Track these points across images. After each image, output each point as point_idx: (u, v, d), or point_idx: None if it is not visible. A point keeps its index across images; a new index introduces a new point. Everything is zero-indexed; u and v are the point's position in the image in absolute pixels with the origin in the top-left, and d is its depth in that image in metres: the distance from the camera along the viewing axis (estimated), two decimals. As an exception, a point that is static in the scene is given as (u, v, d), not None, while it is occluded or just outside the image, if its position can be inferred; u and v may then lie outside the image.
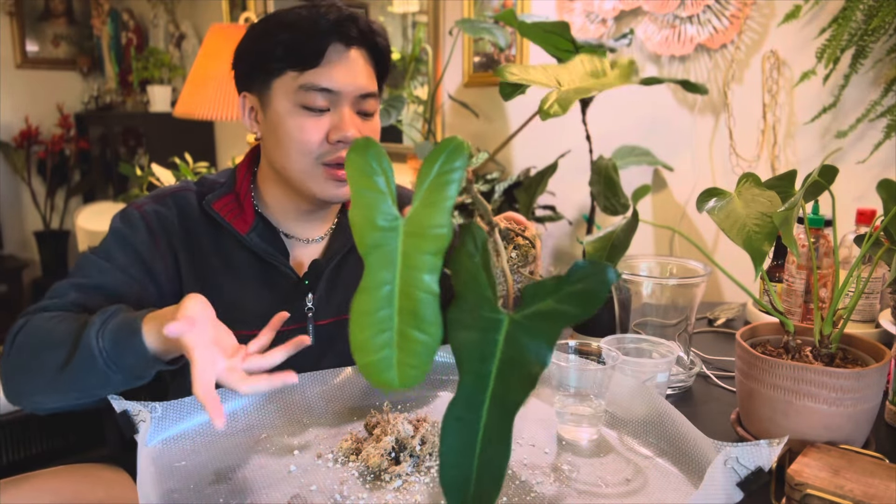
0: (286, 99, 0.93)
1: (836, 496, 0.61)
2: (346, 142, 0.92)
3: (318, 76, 0.91)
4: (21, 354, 0.83)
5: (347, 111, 0.94)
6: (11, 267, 3.75)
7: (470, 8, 2.36)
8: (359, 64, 0.94)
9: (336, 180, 0.95)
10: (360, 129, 0.94)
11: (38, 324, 0.84)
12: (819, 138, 1.61)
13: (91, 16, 4.18)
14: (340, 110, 0.93)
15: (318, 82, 0.91)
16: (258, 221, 0.99)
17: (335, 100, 0.93)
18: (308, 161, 0.93)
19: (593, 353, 0.87)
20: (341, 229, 1.06)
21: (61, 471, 1.00)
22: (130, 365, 0.77)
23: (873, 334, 1.10)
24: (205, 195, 0.99)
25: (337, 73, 0.92)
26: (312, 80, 0.91)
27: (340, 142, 0.92)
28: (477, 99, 2.40)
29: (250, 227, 0.98)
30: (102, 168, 4.05)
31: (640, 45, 1.92)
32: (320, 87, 0.91)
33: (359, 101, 0.95)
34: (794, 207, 0.75)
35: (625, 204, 0.95)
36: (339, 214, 1.08)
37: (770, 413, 0.78)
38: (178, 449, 0.80)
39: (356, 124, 0.94)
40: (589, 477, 0.75)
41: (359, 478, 0.74)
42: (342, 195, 0.96)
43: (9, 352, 0.84)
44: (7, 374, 0.84)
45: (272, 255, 0.98)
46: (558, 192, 2.17)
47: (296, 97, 0.92)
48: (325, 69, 0.92)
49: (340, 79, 0.92)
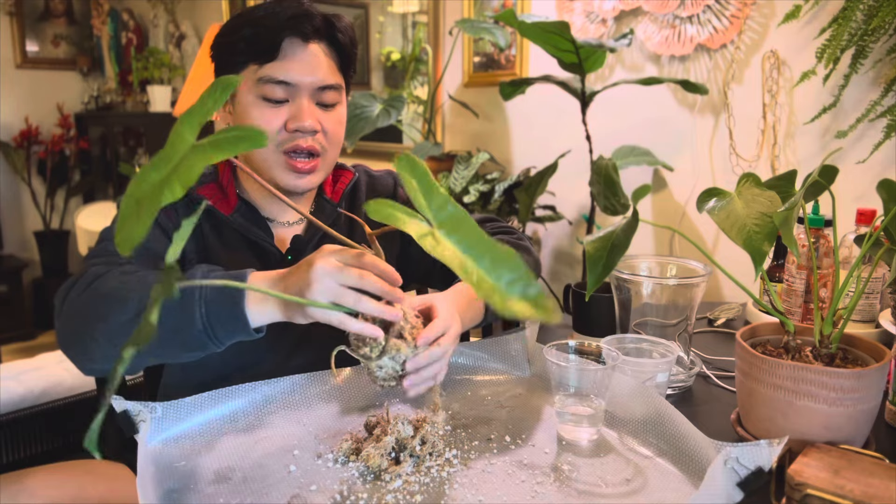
0: (248, 91, 0.98)
1: (836, 496, 0.61)
2: (304, 131, 0.98)
3: (275, 69, 0.97)
4: (101, 315, 0.80)
5: (306, 102, 0.98)
6: (11, 267, 3.74)
7: (470, 8, 2.35)
8: (318, 57, 0.99)
9: (296, 171, 0.99)
10: (319, 119, 1.00)
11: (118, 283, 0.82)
12: (819, 138, 1.61)
13: (91, 16, 4.18)
14: (299, 101, 0.98)
15: (275, 75, 0.97)
16: (241, 205, 1.03)
17: (293, 91, 0.98)
18: (270, 149, 0.99)
19: (593, 353, 0.87)
20: (320, 210, 1.10)
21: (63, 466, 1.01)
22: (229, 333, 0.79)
23: (873, 334, 1.10)
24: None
25: (293, 66, 0.97)
26: (270, 72, 0.97)
27: (298, 131, 0.98)
28: (477, 99, 2.40)
29: (233, 209, 1.02)
30: (102, 168, 4.05)
31: (640, 45, 1.92)
32: (277, 80, 0.97)
33: (318, 93, 1.00)
34: (794, 207, 0.75)
35: (625, 204, 0.95)
36: (317, 197, 1.11)
37: (770, 413, 0.78)
38: (178, 449, 0.80)
39: (315, 115, 0.99)
40: (589, 477, 0.75)
41: (359, 478, 0.74)
42: (302, 185, 1.01)
43: (79, 312, 0.82)
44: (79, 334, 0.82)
45: (256, 234, 1.02)
46: (558, 192, 2.17)
47: (256, 89, 0.97)
48: (282, 62, 0.97)
49: (297, 72, 0.97)
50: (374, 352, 0.76)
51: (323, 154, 1.01)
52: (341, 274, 0.74)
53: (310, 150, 0.99)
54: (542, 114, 2.21)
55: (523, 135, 2.31)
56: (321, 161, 1.01)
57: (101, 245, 0.93)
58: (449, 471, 0.75)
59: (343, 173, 1.13)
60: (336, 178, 1.13)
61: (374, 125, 2.14)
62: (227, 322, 0.77)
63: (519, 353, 1.05)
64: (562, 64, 1.79)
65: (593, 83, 2.01)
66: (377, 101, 2.23)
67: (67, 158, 4.12)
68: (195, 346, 0.78)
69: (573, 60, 1.74)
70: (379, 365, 0.77)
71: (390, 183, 1.17)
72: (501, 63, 2.30)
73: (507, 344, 1.05)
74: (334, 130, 1.02)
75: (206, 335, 0.77)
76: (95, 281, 0.83)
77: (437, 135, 2.54)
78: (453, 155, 2.36)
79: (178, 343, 0.78)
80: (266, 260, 1.03)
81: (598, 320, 1.16)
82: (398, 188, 1.17)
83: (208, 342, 0.78)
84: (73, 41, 4.20)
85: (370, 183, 1.16)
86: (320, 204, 1.10)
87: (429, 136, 2.49)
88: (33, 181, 4.04)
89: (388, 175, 1.19)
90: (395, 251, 1.14)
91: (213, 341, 0.78)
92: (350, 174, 1.13)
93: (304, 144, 0.98)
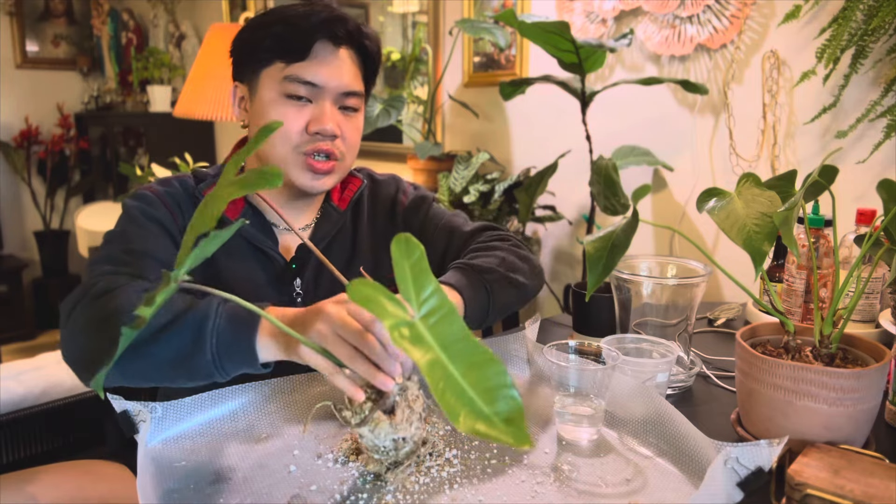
0: (272, 88, 0.97)
1: (836, 496, 0.61)
2: (324, 134, 0.97)
3: (304, 70, 0.96)
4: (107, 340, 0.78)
5: (329, 105, 0.98)
6: (11, 267, 3.74)
7: (470, 8, 2.35)
8: (345, 63, 0.99)
9: (313, 171, 0.99)
10: (340, 123, 0.99)
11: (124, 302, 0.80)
12: (819, 138, 1.61)
13: (91, 16, 4.18)
14: (322, 104, 0.98)
15: (302, 75, 0.96)
16: (247, 209, 1.03)
17: (318, 93, 0.98)
18: (287, 149, 0.98)
19: (593, 353, 0.87)
20: (326, 217, 1.09)
21: (63, 467, 1.01)
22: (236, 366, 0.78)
23: (873, 334, 1.10)
24: (199, 183, 1.04)
25: (322, 68, 0.97)
26: (298, 72, 0.96)
27: (318, 133, 0.97)
28: (477, 99, 2.40)
29: (240, 212, 1.02)
30: (102, 168, 4.05)
31: (640, 45, 1.92)
32: (304, 81, 0.96)
33: (341, 98, 0.99)
34: (794, 207, 0.75)
35: (625, 204, 0.95)
36: (324, 203, 1.10)
37: (770, 413, 0.78)
38: (178, 449, 0.80)
39: (337, 119, 0.99)
40: (589, 477, 0.75)
41: (359, 478, 0.74)
42: (318, 186, 1.00)
43: (84, 331, 0.80)
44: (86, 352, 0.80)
45: (261, 241, 1.01)
46: (558, 192, 2.17)
47: (281, 87, 0.97)
48: (310, 63, 0.96)
49: (324, 74, 0.97)
50: (354, 418, 0.72)
51: (340, 160, 1.01)
52: (343, 325, 0.71)
53: (328, 153, 0.98)
54: (542, 114, 2.21)
55: (523, 135, 2.31)
56: (338, 164, 1.01)
57: (106, 250, 0.92)
58: (449, 471, 0.75)
59: (351, 180, 1.12)
60: (344, 185, 1.12)
61: (374, 125, 2.14)
62: (236, 354, 0.76)
63: (519, 353, 1.05)
64: (562, 64, 1.79)
65: (593, 83, 2.01)
66: (377, 101, 2.23)
67: (67, 158, 4.12)
68: (202, 374, 0.77)
69: (573, 60, 1.74)
70: (360, 433, 0.72)
71: (392, 190, 1.16)
72: (501, 63, 2.30)
73: (507, 344, 1.05)
74: (352, 138, 1.01)
75: (214, 366, 0.76)
76: (103, 296, 0.81)
77: (437, 135, 2.54)
78: (453, 155, 2.36)
79: (186, 370, 0.77)
80: (270, 267, 1.02)
81: (598, 320, 1.16)
82: (399, 194, 1.16)
83: (215, 372, 0.77)
84: (73, 41, 4.20)
85: (373, 188, 1.15)
86: (326, 210, 1.09)
87: (429, 136, 2.49)
88: (33, 181, 4.04)
89: (391, 180, 1.18)
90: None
91: (220, 372, 0.77)
92: (358, 181, 1.12)
93: (323, 147, 0.98)
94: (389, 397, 0.72)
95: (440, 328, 0.56)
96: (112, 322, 0.78)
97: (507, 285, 0.99)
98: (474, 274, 0.96)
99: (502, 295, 0.98)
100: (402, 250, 0.59)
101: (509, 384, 0.52)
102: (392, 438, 0.72)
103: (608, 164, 0.98)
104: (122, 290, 0.81)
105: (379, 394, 0.73)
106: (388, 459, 0.74)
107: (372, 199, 1.14)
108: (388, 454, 0.73)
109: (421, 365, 0.53)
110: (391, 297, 0.58)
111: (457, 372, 0.53)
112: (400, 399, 0.73)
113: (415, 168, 2.39)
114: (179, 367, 0.77)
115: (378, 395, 0.73)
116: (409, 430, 0.72)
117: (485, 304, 0.95)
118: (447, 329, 0.56)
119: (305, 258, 1.03)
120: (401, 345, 0.54)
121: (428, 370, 0.52)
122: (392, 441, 0.72)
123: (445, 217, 1.14)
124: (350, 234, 1.10)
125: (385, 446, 0.72)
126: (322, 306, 0.74)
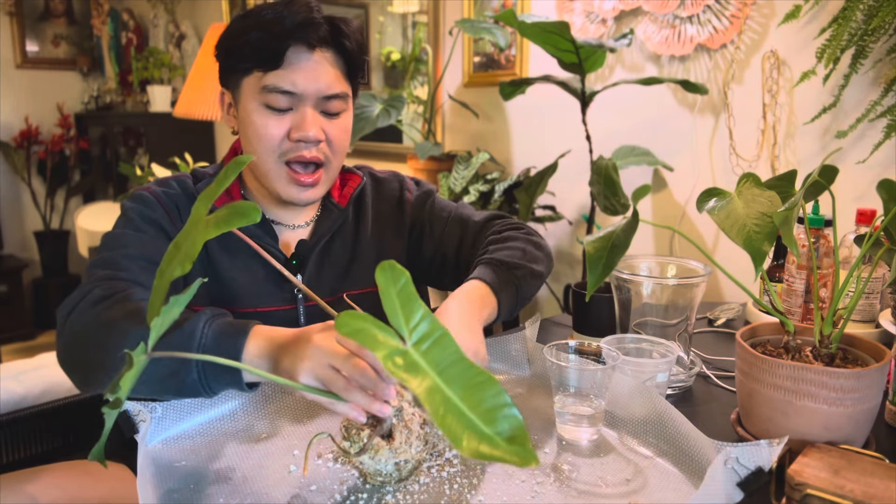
0: (253, 98, 0.96)
1: (836, 496, 0.61)
2: (307, 141, 0.95)
3: (279, 78, 0.94)
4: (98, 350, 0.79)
5: (310, 111, 0.96)
6: (11, 267, 3.74)
7: (470, 8, 2.35)
8: (323, 66, 0.96)
9: (298, 184, 0.98)
10: (323, 127, 0.97)
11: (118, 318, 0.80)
12: (819, 138, 1.61)
13: (91, 16, 4.18)
14: (302, 110, 0.96)
15: (278, 84, 0.94)
16: None
17: (297, 100, 0.96)
18: (272, 159, 0.97)
19: (593, 353, 0.87)
20: (326, 214, 1.08)
21: (64, 466, 1.00)
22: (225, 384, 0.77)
23: (873, 334, 1.10)
24: (198, 182, 1.04)
25: (298, 75, 0.94)
26: (274, 81, 0.94)
27: (301, 140, 0.95)
28: (477, 99, 2.40)
29: None
30: (102, 168, 4.05)
31: (640, 45, 1.92)
32: (282, 90, 0.94)
33: (322, 102, 0.97)
34: (794, 207, 0.75)
35: (625, 204, 0.95)
36: (324, 200, 1.09)
37: (770, 413, 0.78)
38: (178, 449, 0.80)
39: (319, 123, 0.97)
40: (589, 477, 0.75)
41: (359, 478, 0.74)
42: (305, 199, 0.99)
43: (79, 341, 0.81)
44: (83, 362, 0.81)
45: (260, 237, 1.00)
46: (558, 192, 2.17)
47: (260, 97, 0.95)
48: (286, 71, 0.94)
49: (301, 81, 0.94)
50: (353, 448, 0.72)
51: (327, 164, 0.99)
52: (334, 355, 0.69)
53: (313, 160, 0.97)
54: (542, 114, 2.21)
55: (523, 135, 2.31)
56: (324, 173, 1.00)
57: (103, 255, 0.91)
58: (449, 471, 0.75)
59: (351, 177, 1.12)
60: (343, 182, 1.11)
61: (373, 125, 2.14)
62: (222, 375, 0.75)
63: (519, 353, 1.05)
64: (562, 64, 1.79)
65: (593, 83, 2.01)
66: (377, 101, 2.23)
67: (67, 158, 4.12)
68: (189, 392, 0.77)
69: (573, 60, 1.74)
70: (360, 461, 0.72)
71: (395, 186, 1.16)
72: (501, 63, 2.30)
73: (507, 344, 1.05)
74: (339, 139, 1.00)
75: (201, 384, 0.76)
76: (99, 305, 0.81)
77: (437, 135, 2.54)
78: (453, 155, 2.36)
79: (173, 387, 0.77)
80: (269, 264, 1.02)
81: (598, 320, 1.16)
82: (405, 192, 1.15)
83: (202, 391, 0.76)
84: (73, 41, 4.19)
85: (376, 186, 1.15)
86: (327, 208, 1.08)
87: (429, 136, 2.49)
88: (33, 181, 4.04)
89: (393, 178, 1.17)
90: (402, 249, 1.14)
91: (207, 390, 0.76)
92: (358, 178, 1.11)
93: (307, 155, 0.96)
94: (386, 422, 0.72)
95: (434, 353, 0.55)
96: (106, 332, 0.78)
97: (531, 279, 1.02)
98: (504, 271, 0.98)
99: (528, 289, 1.01)
100: (387, 277, 0.57)
101: (508, 403, 0.51)
102: (394, 462, 0.71)
103: (608, 164, 0.98)
104: (113, 298, 0.81)
105: (376, 419, 0.72)
106: (391, 481, 0.73)
107: (375, 196, 1.14)
108: (391, 476, 0.73)
109: (419, 393, 0.52)
110: (381, 326, 0.56)
111: (455, 396, 0.52)
112: (397, 421, 0.72)
113: (415, 168, 2.39)
114: (167, 384, 0.76)
115: (375, 421, 0.72)
116: (409, 451, 0.72)
117: (514, 301, 0.98)
118: (441, 353, 0.55)
119: (306, 255, 1.03)
120: (396, 374, 0.53)
121: (426, 397, 0.52)
122: (394, 465, 0.72)
123: (452, 209, 1.15)
124: (352, 231, 1.10)
125: (387, 471, 0.72)
126: (310, 336, 0.72)
